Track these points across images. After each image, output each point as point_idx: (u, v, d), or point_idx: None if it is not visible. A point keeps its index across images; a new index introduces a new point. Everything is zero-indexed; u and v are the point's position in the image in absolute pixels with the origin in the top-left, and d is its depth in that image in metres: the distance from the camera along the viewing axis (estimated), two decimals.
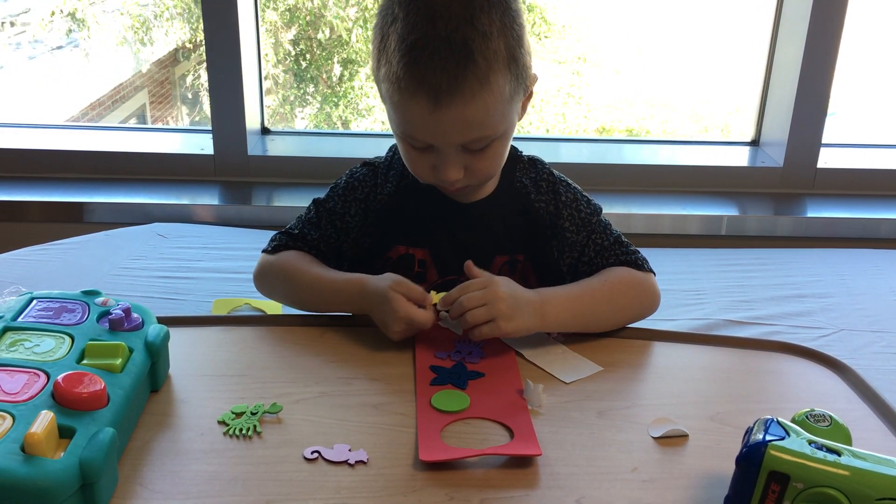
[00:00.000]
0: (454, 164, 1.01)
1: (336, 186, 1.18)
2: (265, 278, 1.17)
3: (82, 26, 4.25)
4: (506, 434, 0.86)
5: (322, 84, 4.54)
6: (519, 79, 0.99)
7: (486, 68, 0.94)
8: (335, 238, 1.16)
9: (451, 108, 0.95)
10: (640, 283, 1.11)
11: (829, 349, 1.07)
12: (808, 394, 0.98)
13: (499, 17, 0.95)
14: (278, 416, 0.87)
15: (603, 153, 2.24)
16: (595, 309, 1.06)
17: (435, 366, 0.97)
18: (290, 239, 1.16)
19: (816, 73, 1.97)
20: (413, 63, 0.94)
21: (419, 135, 1.00)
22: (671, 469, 0.82)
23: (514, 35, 0.97)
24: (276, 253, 1.16)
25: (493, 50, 0.95)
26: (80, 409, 0.76)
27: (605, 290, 1.08)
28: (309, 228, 1.17)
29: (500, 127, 1.00)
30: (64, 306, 0.92)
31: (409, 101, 0.96)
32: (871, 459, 0.69)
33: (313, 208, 1.18)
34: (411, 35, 0.94)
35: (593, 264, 1.12)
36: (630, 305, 1.09)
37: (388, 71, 0.97)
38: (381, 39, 0.99)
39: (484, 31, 0.94)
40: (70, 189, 2.02)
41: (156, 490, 0.77)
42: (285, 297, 1.16)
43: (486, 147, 1.01)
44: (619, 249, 1.13)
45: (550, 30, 4.78)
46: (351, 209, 1.15)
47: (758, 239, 1.98)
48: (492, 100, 0.96)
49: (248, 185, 2.08)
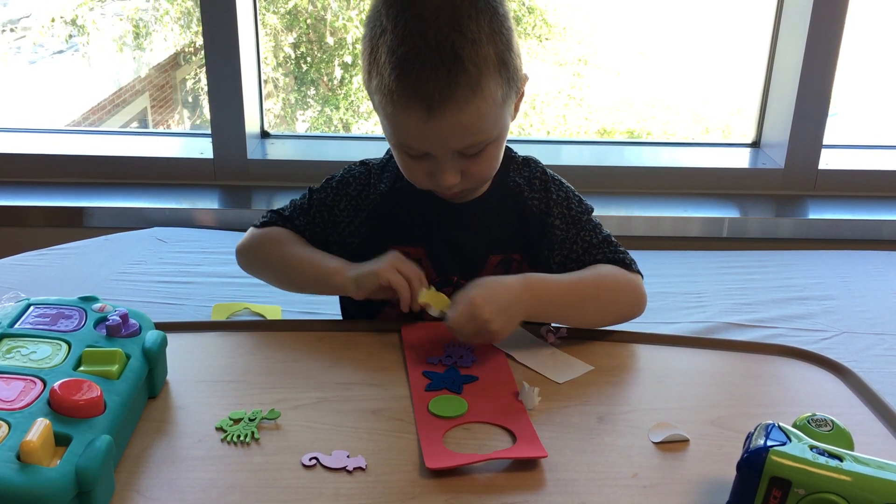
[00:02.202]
0: (450, 170, 1.01)
1: (331, 179, 1.19)
2: (248, 250, 1.19)
3: (82, 31, 4.25)
4: (507, 437, 0.86)
5: (323, 87, 4.54)
6: (510, 82, 1.00)
7: (478, 75, 0.95)
8: (321, 229, 1.17)
9: (444, 117, 0.95)
10: (628, 283, 1.10)
11: (830, 352, 1.06)
12: (809, 398, 0.97)
13: (487, 23, 0.96)
14: (276, 422, 0.87)
15: (604, 155, 2.24)
16: (582, 302, 1.06)
17: (428, 371, 0.97)
18: (280, 219, 1.19)
19: (817, 74, 1.97)
20: (404, 75, 0.94)
21: (414, 144, 1.01)
22: (672, 474, 0.81)
23: (502, 39, 0.97)
24: (263, 228, 1.18)
25: (483, 56, 0.95)
26: (77, 416, 0.75)
27: (593, 284, 1.08)
28: (298, 213, 1.18)
29: (494, 131, 1.01)
30: (61, 312, 0.92)
31: (402, 113, 0.97)
32: (874, 464, 0.69)
33: (307, 196, 1.20)
34: (401, 47, 0.95)
35: (581, 262, 1.12)
36: (617, 303, 1.09)
37: (379, 83, 0.98)
38: (371, 52, 0.99)
39: (473, 38, 0.94)
40: (70, 194, 2.01)
41: (152, 498, 0.76)
42: (267, 269, 1.18)
43: (481, 151, 1.01)
44: (607, 248, 1.13)
45: (551, 31, 4.78)
46: (341, 203, 1.16)
47: (759, 241, 1.98)
48: (484, 105, 0.96)
49: (248, 188, 2.07)
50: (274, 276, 1.19)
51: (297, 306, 1.55)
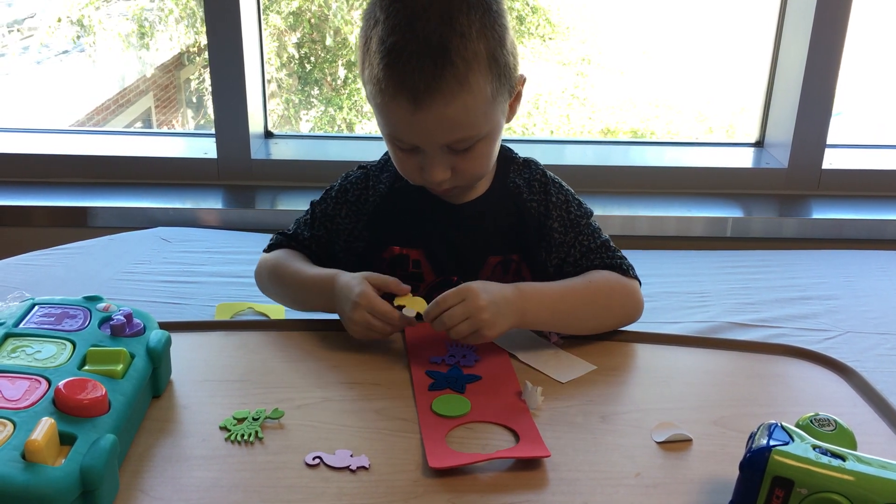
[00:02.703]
0: (439, 165, 1.01)
1: (330, 189, 1.20)
2: (260, 277, 1.20)
3: (88, 32, 4.26)
4: (510, 437, 0.86)
5: (326, 87, 4.55)
6: (502, 79, 0.99)
7: (465, 69, 0.95)
8: (326, 239, 1.18)
9: (431, 110, 0.95)
10: (624, 288, 1.10)
11: (834, 352, 1.06)
12: (812, 397, 0.97)
13: (478, 19, 0.96)
14: (280, 421, 0.87)
15: (607, 155, 2.24)
16: (576, 309, 1.06)
17: (431, 371, 0.97)
18: (285, 238, 1.20)
19: (821, 74, 1.96)
20: (392, 65, 0.95)
21: (403, 136, 1.01)
22: (674, 474, 0.82)
23: (495, 36, 0.97)
24: (270, 251, 1.19)
25: (473, 51, 0.95)
26: (82, 415, 0.76)
27: (587, 290, 1.07)
28: (303, 229, 1.20)
29: (484, 128, 1.00)
30: (66, 312, 0.92)
31: (390, 103, 0.97)
32: (877, 464, 0.69)
33: (309, 210, 1.21)
34: (390, 37, 0.95)
35: (578, 266, 1.12)
36: (611, 309, 1.08)
37: (370, 73, 0.99)
38: (365, 42, 1.00)
39: (462, 31, 0.94)
40: (74, 194, 2.02)
41: (157, 497, 0.76)
42: (276, 293, 1.19)
43: (471, 148, 1.01)
44: (604, 253, 1.12)
45: (555, 31, 4.78)
46: (342, 211, 1.17)
47: (762, 241, 1.97)
48: (472, 101, 0.96)
49: (252, 188, 2.08)
50: (283, 301, 1.21)
51: None
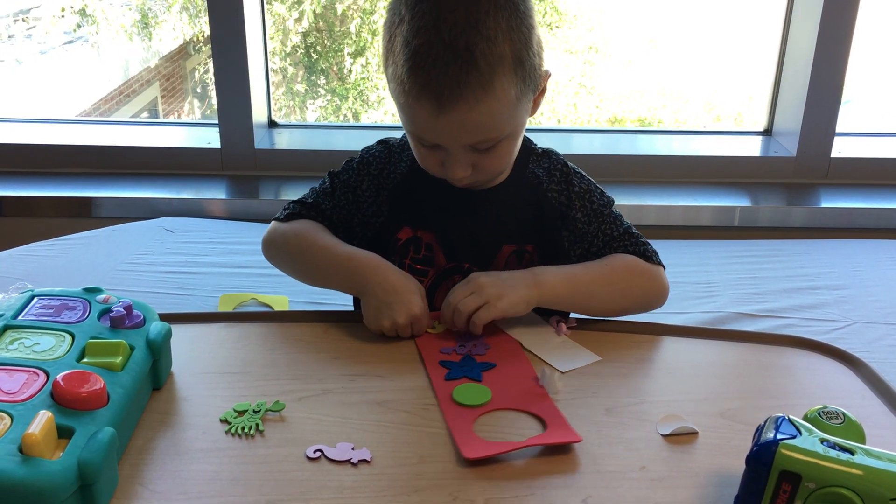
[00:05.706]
0: (461, 164, 1.01)
1: (351, 161, 1.18)
2: (272, 245, 1.16)
3: (91, 21, 4.25)
4: (536, 424, 0.85)
5: (332, 76, 4.53)
6: (527, 80, 0.98)
7: (490, 73, 0.93)
8: (347, 210, 1.16)
9: (454, 113, 0.94)
10: (646, 272, 1.09)
11: (842, 342, 1.05)
12: (820, 390, 0.96)
13: (505, 20, 0.94)
14: (281, 414, 0.86)
15: (615, 144, 2.23)
16: (592, 287, 1.06)
17: (444, 361, 0.96)
18: (304, 208, 1.16)
19: (830, 61, 1.94)
20: (416, 68, 0.94)
21: (426, 136, 1.01)
22: (680, 467, 0.81)
23: (521, 38, 0.95)
24: (288, 221, 1.15)
25: (498, 55, 0.93)
26: (80, 408, 0.75)
27: (605, 271, 1.08)
28: (323, 198, 1.17)
29: (507, 128, 1.00)
30: (65, 304, 0.92)
31: (414, 105, 0.96)
32: (886, 458, 0.67)
33: (328, 179, 1.18)
34: (415, 39, 0.94)
35: (601, 255, 1.11)
36: (631, 291, 1.08)
37: (394, 72, 0.98)
38: (389, 39, 0.99)
39: (488, 35, 0.93)
40: (78, 184, 2.02)
41: (156, 490, 0.76)
42: (291, 265, 1.16)
43: (494, 147, 1.00)
44: (628, 240, 1.12)
45: (562, 19, 4.75)
46: (363, 183, 1.15)
47: (771, 230, 1.96)
48: (496, 104, 0.95)
49: (256, 178, 2.07)
50: (295, 273, 1.16)
51: (305, 297, 1.54)
